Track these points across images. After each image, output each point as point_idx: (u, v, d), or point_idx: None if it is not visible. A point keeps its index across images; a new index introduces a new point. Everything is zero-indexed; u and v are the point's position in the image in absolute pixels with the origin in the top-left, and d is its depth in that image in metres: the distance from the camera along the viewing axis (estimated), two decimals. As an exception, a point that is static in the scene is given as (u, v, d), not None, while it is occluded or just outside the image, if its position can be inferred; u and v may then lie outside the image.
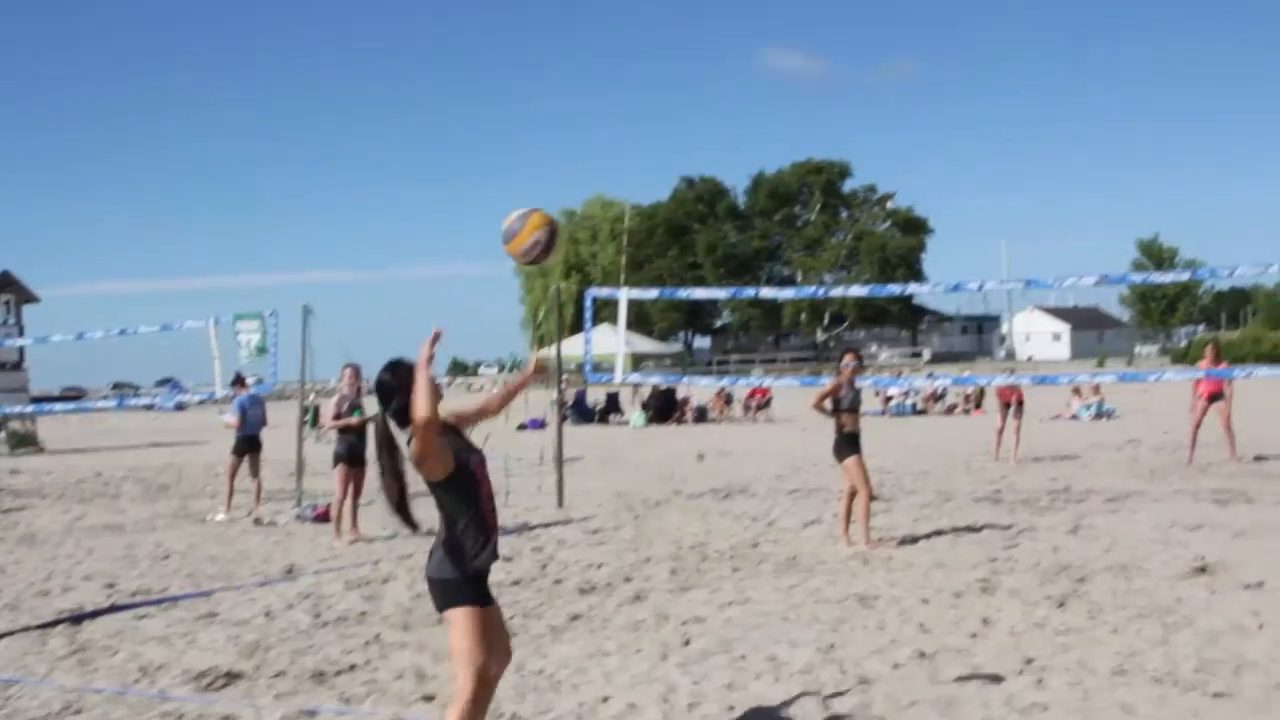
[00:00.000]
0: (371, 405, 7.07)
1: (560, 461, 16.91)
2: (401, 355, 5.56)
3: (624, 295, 18.09)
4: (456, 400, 7.34)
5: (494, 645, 5.45)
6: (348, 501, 14.04)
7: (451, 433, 5.53)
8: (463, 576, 5.33)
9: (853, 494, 12.41)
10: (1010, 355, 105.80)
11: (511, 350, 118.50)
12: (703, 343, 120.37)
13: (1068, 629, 8.57)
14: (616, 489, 18.55)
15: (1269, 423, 25.16)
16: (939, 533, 13.17)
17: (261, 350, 18.24)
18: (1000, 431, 21.47)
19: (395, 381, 5.47)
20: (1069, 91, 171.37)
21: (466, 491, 5.37)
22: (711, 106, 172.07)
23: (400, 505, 5.58)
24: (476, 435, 5.95)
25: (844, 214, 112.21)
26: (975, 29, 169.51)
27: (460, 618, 5.31)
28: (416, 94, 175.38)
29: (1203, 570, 10.52)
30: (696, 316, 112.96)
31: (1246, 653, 7.79)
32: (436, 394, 5.16)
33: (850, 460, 12.32)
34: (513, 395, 6.46)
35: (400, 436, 5.47)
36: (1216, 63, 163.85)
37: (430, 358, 5.18)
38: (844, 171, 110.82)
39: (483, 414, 6.09)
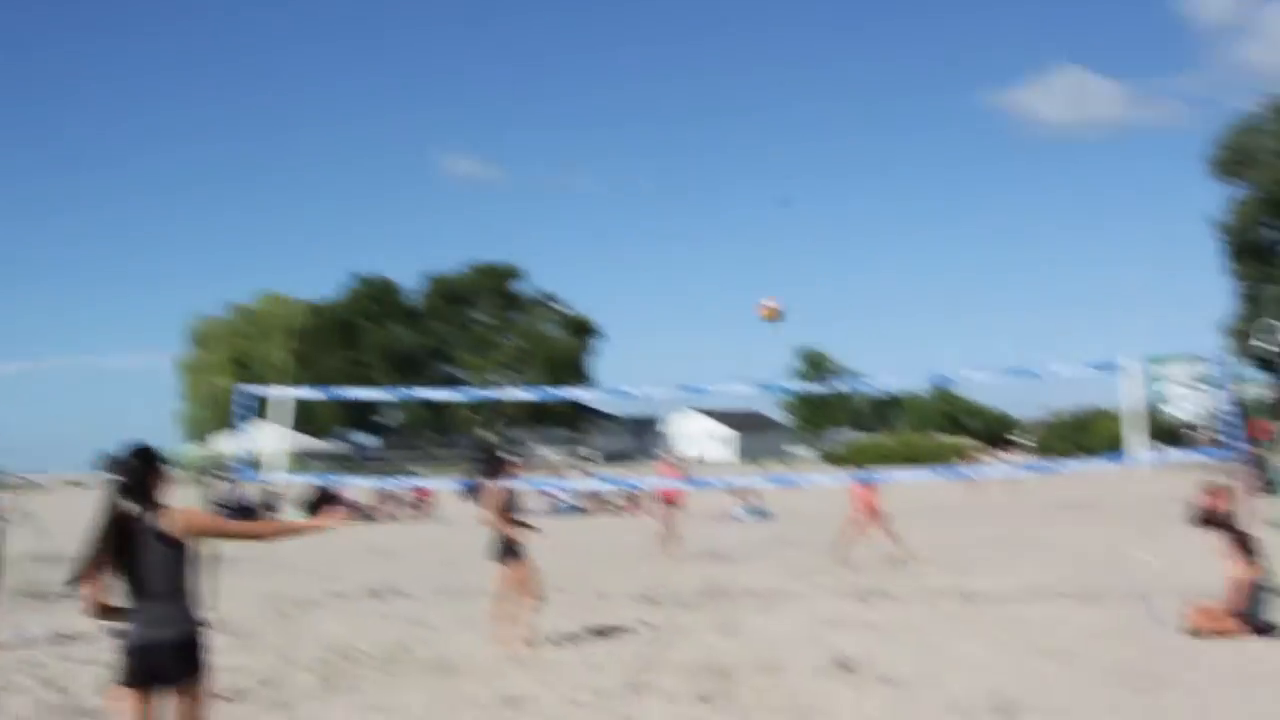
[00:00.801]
0: None
1: (211, 561, 16.23)
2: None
3: (284, 394, 17.63)
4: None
5: None
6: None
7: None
8: None
9: (509, 595, 12.31)
10: (679, 456, 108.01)
11: (170, 447, 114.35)
12: (368, 440, 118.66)
13: (712, 727, 8.64)
14: (267, 590, 17.92)
15: (919, 523, 26.20)
16: (593, 632, 13.16)
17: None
18: (663, 532, 21.70)
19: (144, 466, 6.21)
20: (732, 210, 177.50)
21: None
22: (388, 206, 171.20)
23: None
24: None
25: (515, 316, 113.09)
26: (648, 146, 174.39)
27: None
28: (81, 182, 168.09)
29: (845, 667, 10.80)
30: (364, 415, 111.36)
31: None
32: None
33: (512, 562, 12.25)
34: (291, 533, 6.97)
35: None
36: (868, 174, 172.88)
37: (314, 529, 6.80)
38: (516, 275, 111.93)
39: (251, 536, 6.85)
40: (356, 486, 37.01)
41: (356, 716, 9.25)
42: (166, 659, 5.91)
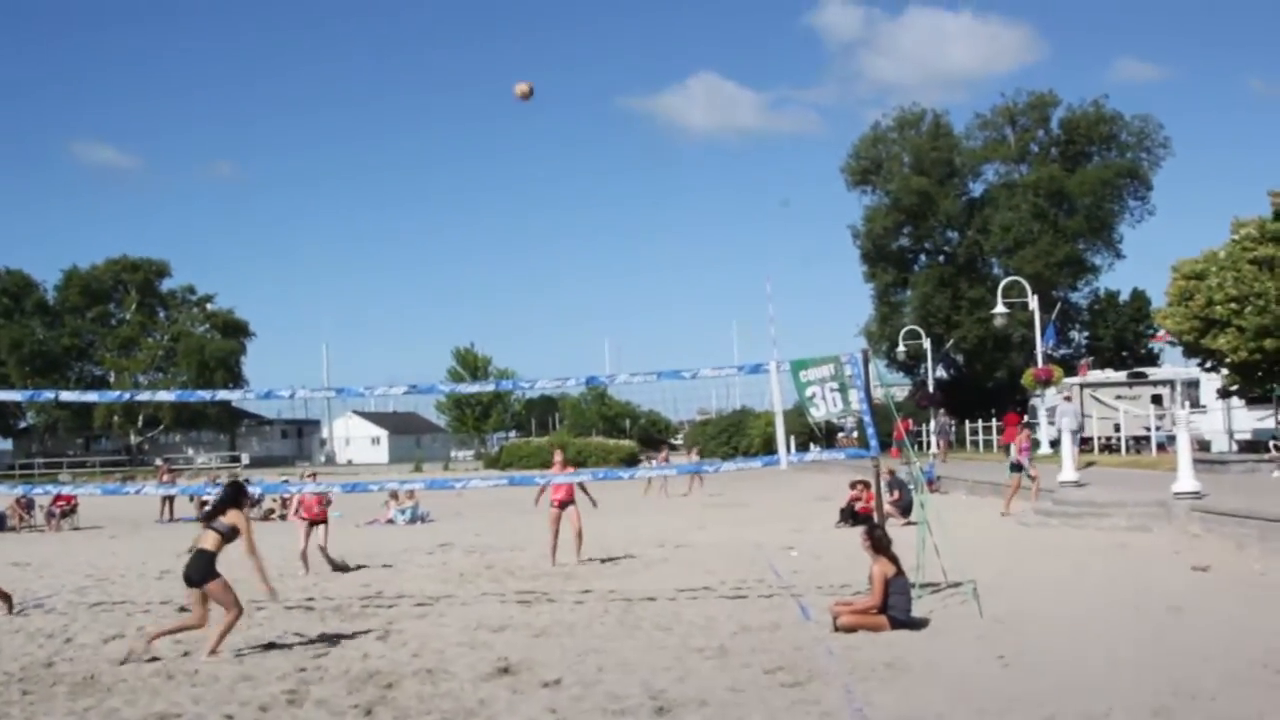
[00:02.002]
0: None
1: None
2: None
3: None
4: None
5: None
6: None
7: None
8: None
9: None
10: (329, 459, 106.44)
11: None
12: (4, 445, 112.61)
13: (373, 737, 8.54)
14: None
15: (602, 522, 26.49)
16: (248, 645, 12.81)
17: None
18: (305, 546, 20.59)
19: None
20: (386, 208, 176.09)
21: None
22: (18, 195, 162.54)
23: None
24: None
25: (162, 314, 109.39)
26: (285, 132, 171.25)
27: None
28: None
29: (505, 671, 10.85)
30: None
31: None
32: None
33: (213, 584, 11.92)
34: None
35: None
36: (515, 176, 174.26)
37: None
38: (162, 271, 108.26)
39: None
40: (-9, 494, 35.10)
41: (-6, 740, 8.76)
42: None
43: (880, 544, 12.54)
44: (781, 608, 14.28)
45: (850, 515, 25.61)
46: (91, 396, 61.70)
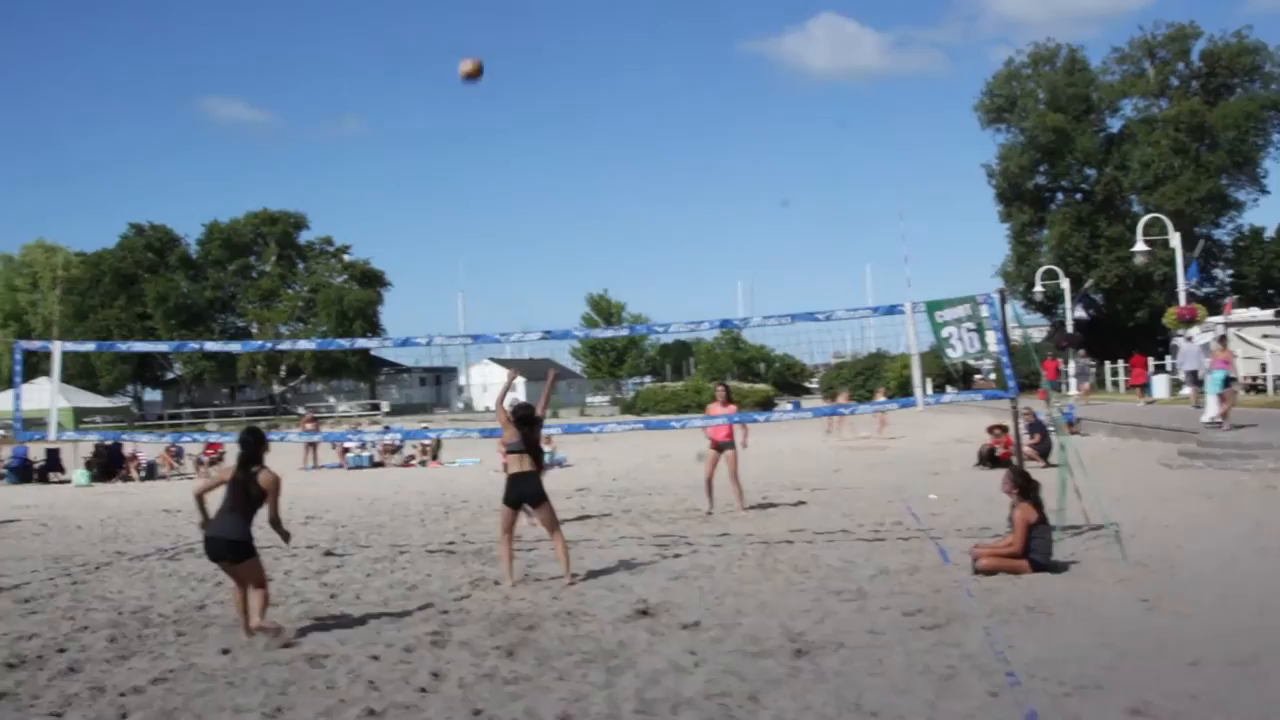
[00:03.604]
0: None
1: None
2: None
3: (57, 348, 17.06)
4: None
5: None
6: None
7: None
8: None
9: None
10: (468, 406, 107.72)
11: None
12: (154, 396, 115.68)
13: (516, 678, 8.69)
14: (54, 553, 17.38)
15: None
16: (392, 587, 13.09)
17: None
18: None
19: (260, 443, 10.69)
20: (516, 155, 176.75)
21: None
22: (159, 152, 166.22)
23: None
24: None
25: (300, 266, 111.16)
26: (417, 88, 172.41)
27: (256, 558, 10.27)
28: None
29: (644, 613, 10.94)
30: (146, 369, 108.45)
31: (683, 691, 8.15)
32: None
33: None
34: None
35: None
36: (643, 124, 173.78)
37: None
38: (300, 223, 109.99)
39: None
40: (143, 443, 36.12)
41: (153, 680, 9.05)
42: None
43: (1024, 488, 12.41)
44: (920, 550, 14.22)
45: (989, 458, 25.38)
46: (235, 346, 63.13)
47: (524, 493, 12.78)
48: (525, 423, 12.94)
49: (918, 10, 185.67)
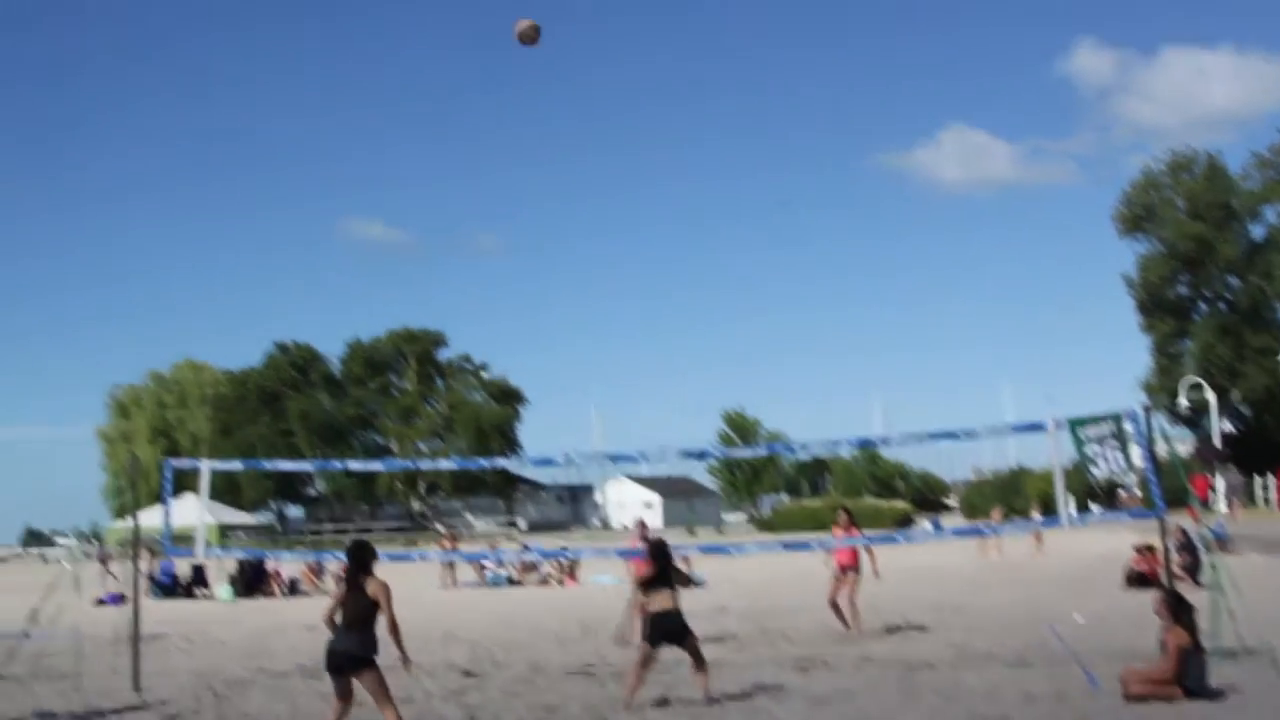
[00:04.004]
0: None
1: (137, 640, 15.95)
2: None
3: (206, 466, 17.44)
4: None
5: None
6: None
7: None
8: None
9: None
10: (604, 524, 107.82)
11: (93, 519, 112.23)
12: (296, 512, 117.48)
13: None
14: (199, 668, 17.63)
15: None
16: (530, 709, 13.05)
17: None
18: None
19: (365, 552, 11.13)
20: (652, 270, 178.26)
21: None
22: (302, 273, 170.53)
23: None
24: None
25: (439, 383, 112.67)
26: (548, 210, 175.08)
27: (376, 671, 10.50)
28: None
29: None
30: (289, 485, 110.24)
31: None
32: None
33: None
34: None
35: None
36: (780, 240, 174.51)
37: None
38: (439, 341, 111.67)
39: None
40: (285, 560, 36.65)
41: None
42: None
43: (1176, 610, 12.06)
44: (1067, 676, 13.84)
45: (1136, 579, 24.77)
46: (377, 466, 63.95)
47: (669, 630, 12.69)
48: (664, 557, 12.94)
49: (1049, 122, 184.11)
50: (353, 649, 10.52)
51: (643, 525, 20.71)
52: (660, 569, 12.78)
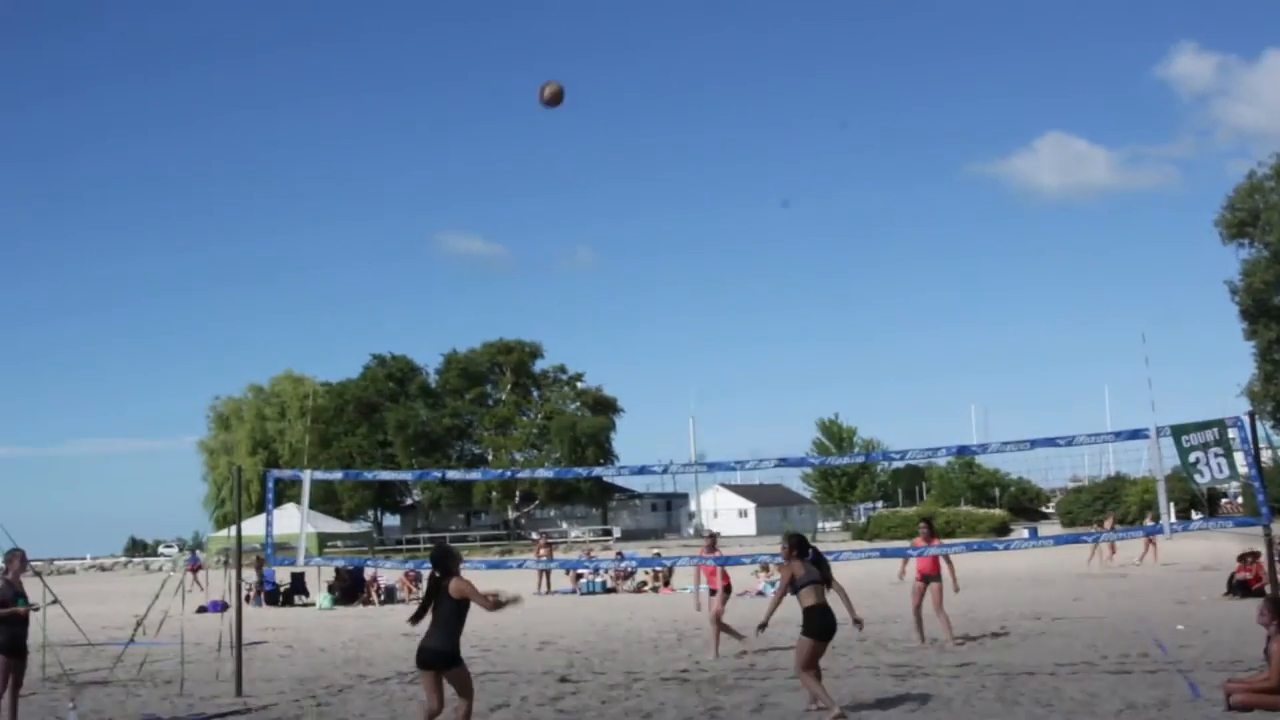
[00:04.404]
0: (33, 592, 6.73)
1: (239, 646, 16.23)
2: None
3: (307, 476, 17.70)
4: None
5: None
6: (7, 695, 13.09)
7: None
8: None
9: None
10: (698, 532, 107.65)
11: (195, 529, 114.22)
12: (392, 521, 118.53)
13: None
14: (299, 675, 17.90)
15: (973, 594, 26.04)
16: (627, 715, 13.10)
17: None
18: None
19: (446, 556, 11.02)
20: (746, 280, 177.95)
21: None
22: (400, 286, 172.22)
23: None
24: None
25: (535, 393, 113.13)
26: (643, 223, 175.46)
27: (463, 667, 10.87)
28: (86, 269, 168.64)
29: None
30: (386, 494, 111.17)
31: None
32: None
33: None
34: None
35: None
36: (874, 249, 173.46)
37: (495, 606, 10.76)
38: (535, 352, 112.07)
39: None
40: (383, 568, 37.02)
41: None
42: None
43: (1278, 614, 11.86)
44: (1169, 684, 13.67)
45: (1239, 588, 24.36)
46: (475, 475, 64.39)
47: (834, 624, 12.70)
48: (806, 551, 13.01)
49: (1149, 127, 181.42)
50: (442, 646, 10.78)
51: (713, 537, 20.79)
52: (811, 564, 12.88)
